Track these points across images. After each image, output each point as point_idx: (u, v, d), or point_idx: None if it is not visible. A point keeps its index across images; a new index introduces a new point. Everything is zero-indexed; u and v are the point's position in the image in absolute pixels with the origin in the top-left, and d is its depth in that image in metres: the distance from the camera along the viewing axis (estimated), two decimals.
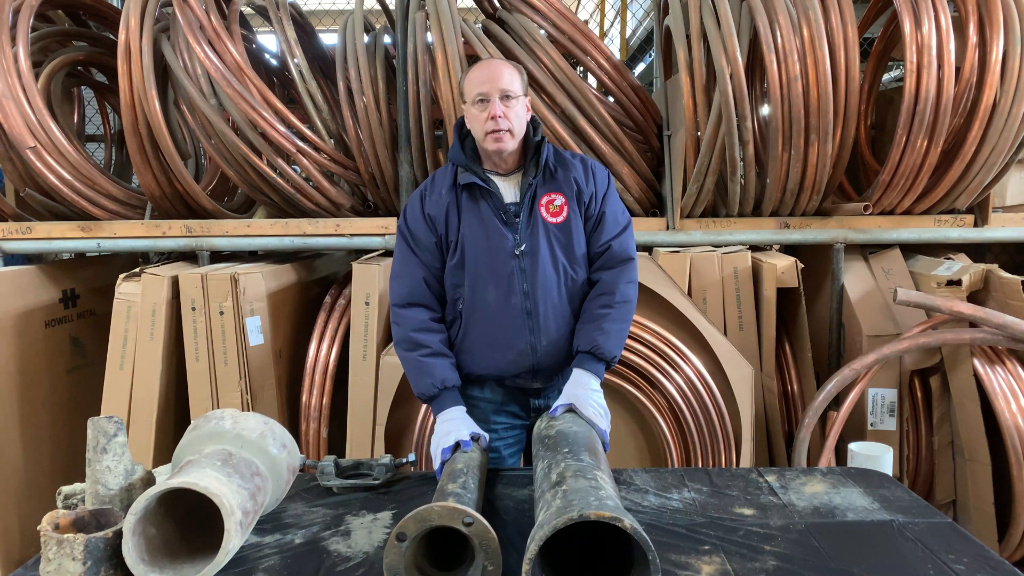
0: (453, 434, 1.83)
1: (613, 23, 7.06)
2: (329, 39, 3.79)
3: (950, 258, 3.08)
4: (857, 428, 2.97)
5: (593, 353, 1.93)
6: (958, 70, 2.76)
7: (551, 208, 1.96)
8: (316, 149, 3.16)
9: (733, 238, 3.13)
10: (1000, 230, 3.10)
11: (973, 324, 2.76)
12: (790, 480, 1.88)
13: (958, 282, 2.85)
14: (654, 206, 3.27)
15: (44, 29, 3.49)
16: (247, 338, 2.87)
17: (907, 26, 2.66)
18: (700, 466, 2.76)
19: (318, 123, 3.28)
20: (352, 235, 3.25)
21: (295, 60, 3.25)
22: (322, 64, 3.61)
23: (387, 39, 3.41)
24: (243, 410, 2.36)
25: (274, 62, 3.86)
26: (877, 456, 2.34)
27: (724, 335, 2.83)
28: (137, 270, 3.00)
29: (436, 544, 1.44)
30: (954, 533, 1.58)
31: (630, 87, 3.21)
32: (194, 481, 1.33)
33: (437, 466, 1.80)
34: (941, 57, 2.66)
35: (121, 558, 1.31)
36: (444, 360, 1.97)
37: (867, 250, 3.27)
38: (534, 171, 1.96)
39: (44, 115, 3.05)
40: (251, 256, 3.69)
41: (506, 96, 1.88)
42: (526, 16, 3.15)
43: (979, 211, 3.08)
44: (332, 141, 3.34)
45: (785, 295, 3.04)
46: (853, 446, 2.42)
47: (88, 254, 3.72)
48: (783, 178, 2.92)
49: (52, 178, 3.10)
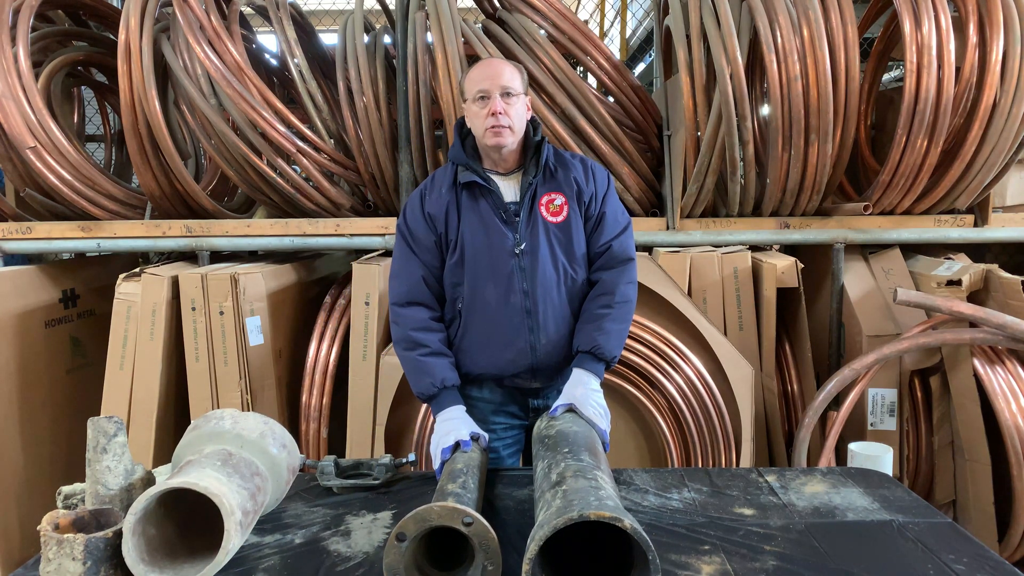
0: (453, 434, 1.83)
1: (613, 23, 7.06)
2: (329, 39, 3.79)
3: (950, 258, 3.08)
4: (857, 428, 2.97)
5: (593, 353, 1.93)
6: (958, 70, 2.76)
7: (551, 208, 1.96)
8: (316, 149, 3.16)
9: (733, 238, 3.13)
10: (1000, 230, 3.10)
11: (973, 324, 2.76)
12: (790, 480, 1.88)
13: (958, 282, 2.85)
14: (654, 206, 3.27)
15: (44, 29, 3.49)
16: (247, 338, 2.87)
17: (907, 26, 2.66)
18: (700, 466, 2.76)
19: (318, 123, 3.28)
20: (352, 235, 3.25)
21: (295, 60, 3.25)
22: (322, 64, 3.61)
23: (387, 39, 3.41)
24: (243, 410, 2.36)
25: (274, 62, 3.86)
26: (877, 456, 2.34)
27: (724, 335, 2.83)
28: (137, 270, 3.00)
29: (436, 544, 1.44)
30: (954, 533, 1.58)
31: (630, 87, 3.21)
32: (194, 481, 1.33)
33: (437, 466, 1.80)
34: (941, 57, 2.66)
35: (121, 558, 1.31)
36: (444, 359, 1.97)
37: (867, 250, 3.27)
38: (534, 170, 1.96)
39: (44, 115, 3.05)
40: (251, 256, 3.69)
41: (507, 93, 1.89)
42: (526, 16, 3.15)
43: (979, 211, 3.08)
44: (332, 141, 3.34)
45: (785, 295, 3.04)
46: (853, 446, 2.42)
47: (88, 254, 3.72)
48: (783, 178, 2.92)
49: (52, 178, 3.10)
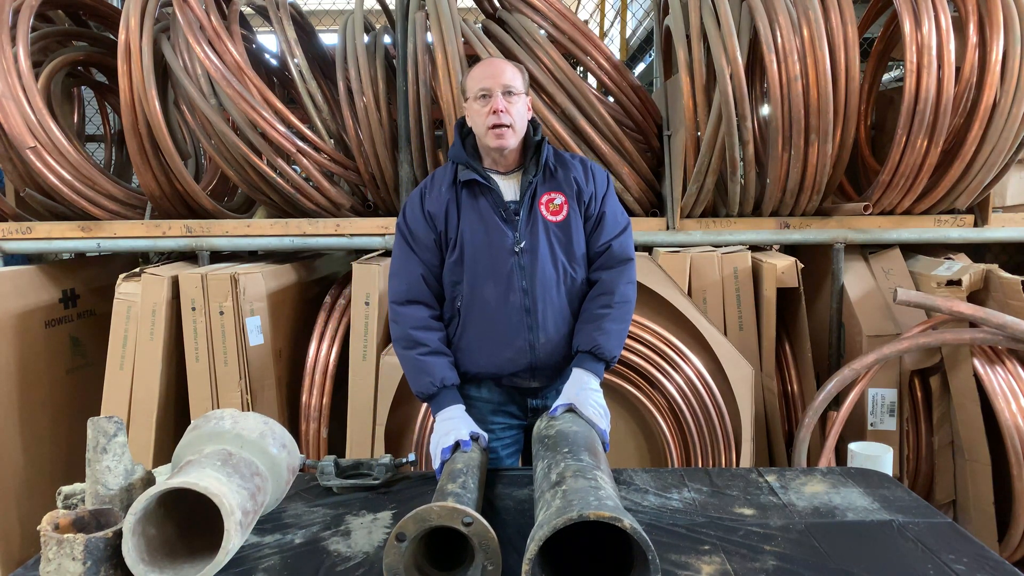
0: (453, 433, 1.83)
1: (613, 23, 7.06)
2: (329, 39, 3.79)
3: (950, 258, 3.08)
4: (857, 428, 2.97)
5: (593, 353, 1.93)
6: (958, 70, 2.76)
7: (551, 207, 1.96)
8: (316, 149, 3.16)
9: (733, 238, 3.13)
10: (1000, 230, 3.10)
11: (973, 324, 2.76)
12: (790, 480, 1.88)
13: (958, 282, 2.85)
14: (654, 206, 3.27)
15: (44, 29, 3.49)
16: (247, 338, 2.87)
17: (907, 26, 2.66)
18: (700, 466, 2.76)
19: (318, 123, 3.28)
20: (352, 235, 3.25)
21: (295, 60, 3.25)
22: (322, 64, 3.61)
23: (387, 39, 3.41)
24: (243, 410, 2.36)
25: (274, 62, 3.86)
26: (877, 456, 2.34)
27: (724, 335, 2.83)
28: (137, 270, 3.00)
29: (436, 544, 1.44)
30: (954, 533, 1.58)
31: (630, 87, 3.21)
32: (194, 481, 1.33)
33: (437, 466, 1.80)
34: (941, 57, 2.66)
35: (121, 558, 1.31)
36: (443, 359, 1.97)
37: (867, 250, 3.27)
38: (534, 170, 1.96)
39: (44, 115, 3.05)
40: (251, 256, 3.69)
41: (509, 92, 1.89)
42: (526, 16, 3.15)
43: (979, 211, 3.08)
44: (332, 141, 3.34)
45: (785, 295, 3.04)
46: (853, 446, 2.42)
47: (88, 254, 3.72)
48: (783, 178, 2.92)
49: (52, 178, 3.10)
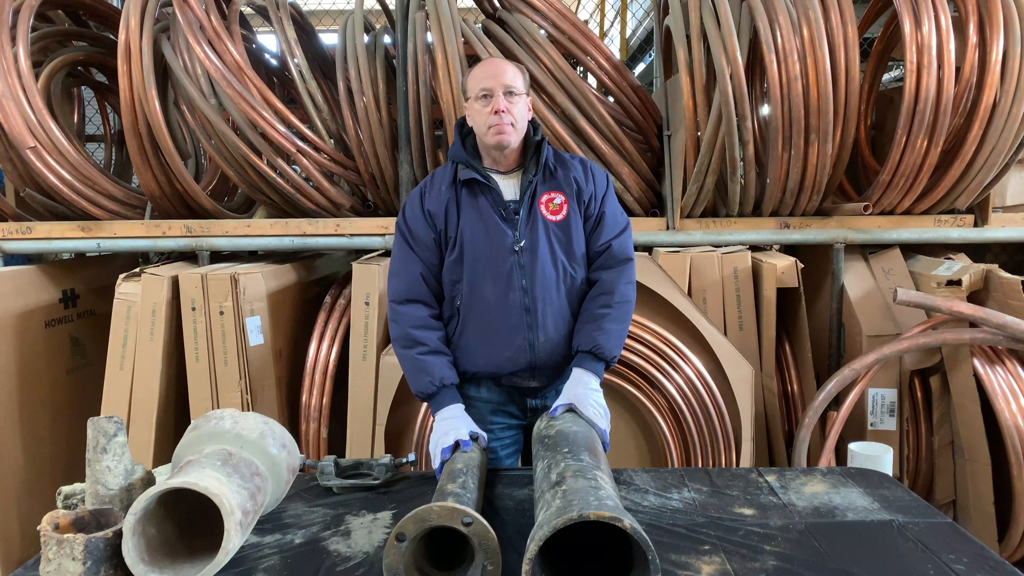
0: (452, 433, 1.83)
1: (613, 23, 7.06)
2: (329, 39, 3.79)
3: (950, 258, 3.08)
4: (857, 428, 2.97)
5: (593, 353, 1.93)
6: (958, 70, 2.76)
7: (551, 206, 1.96)
8: (316, 149, 3.16)
9: (733, 238, 3.13)
10: (1000, 230, 3.10)
11: (973, 324, 2.76)
12: (790, 480, 1.88)
13: (958, 282, 2.85)
14: (654, 206, 3.27)
15: (44, 29, 3.48)
16: (247, 338, 2.87)
17: (907, 26, 2.66)
18: (700, 466, 2.76)
19: (318, 123, 3.28)
20: (352, 235, 3.25)
21: (295, 60, 3.25)
22: (322, 64, 3.61)
23: (387, 39, 3.41)
24: (243, 410, 2.36)
25: (274, 62, 3.86)
26: (877, 456, 2.34)
27: (724, 335, 2.83)
28: (137, 270, 3.00)
29: (436, 544, 1.44)
30: (954, 533, 1.58)
31: (630, 87, 3.21)
32: (194, 481, 1.33)
33: (436, 465, 1.80)
34: (941, 57, 2.66)
35: (121, 558, 1.31)
36: (442, 358, 1.97)
37: (867, 250, 3.27)
38: (534, 169, 1.97)
39: (44, 115, 3.05)
40: (251, 256, 3.69)
41: (510, 92, 1.89)
42: (526, 16, 3.15)
43: (979, 211, 3.08)
44: (332, 141, 3.34)
45: (785, 295, 3.04)
46: (853, 446, 2.42)
47: (88, 254, 3.72)
48: (783, 178, 2.92)
49: (52, 178, 3.10)
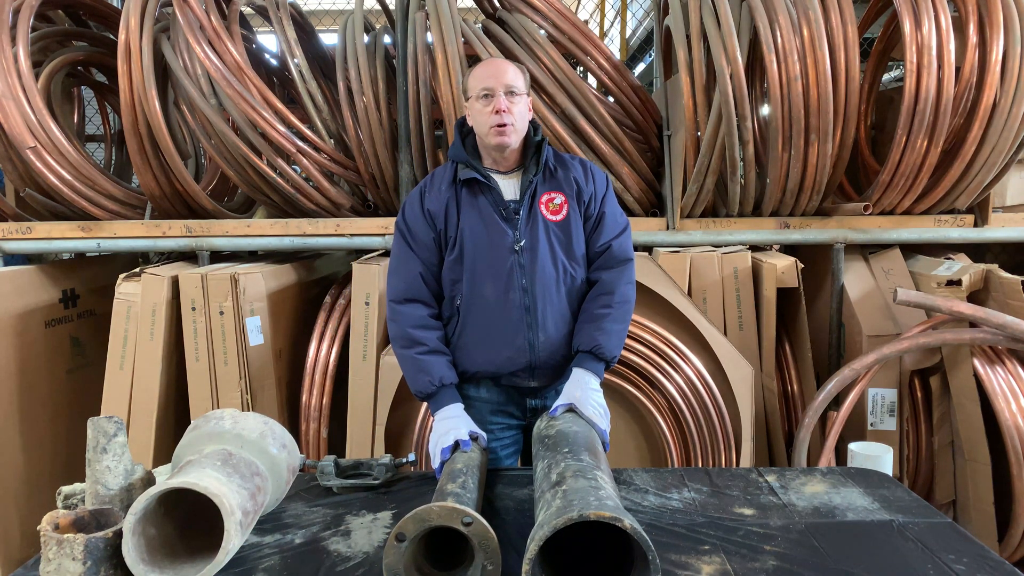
0: (452, 433, 1.83)
1: (613, 23, 7.06)
2: (329, 39, 3.79)
3: (950, 258, 3.08)
4: (857, 428, 2.97)
5: (594, 353, 1.93)
6: (958, 70, 2.76)
7: (551, 206, 1.96)
8: (316, 149, 3.16)
9: (733, 238, 3.13)
10: (1000, 230, 3.10)
11: (973, 324, 2.76)
12: (790, 480, 1.88)
13: (958, 282, 2.85)
14: (654, 206, 3.27)
15: (44, 29, 3.48)
16: (247, 338, 2.87)
17: (907, 26, 2.66)
18: (700, 466, 2.76)
19: (318, 123, 3.28)
20: (352, 235, 3.25)
21: (295, 60, 3.25)
22: (322, 64, 3.61)
23: (387, 39, 3.41)
24: (243, 410, 2.36)
25: (274, 62, 3.86)
26: (877, 456, 2.34)
27: (724, 335, 2.83)
28: (137, 270, 3.00)
29: (436, 544, 1.44)
30: (954, 533, 1.58)
31: (630, 87, 3.21)
32: (194, 481, 1.33)
33: (436, 465, 1.80)
34: (941, 57, 2.66)
35: (121, 558, 1.31)
36: (442, 357, 1.97)
37: (867, 250, 3.27)
38: (535, 169, 1.97)
39: (44, 115, 3.05)
40: (251, 256, 3.69)
41: (511, 92, 1.90)
42: (526, 16, 3.15)
43: (979, 211, 3.08)
44: (332, 141, 3.34)
45: (785, 295, 3.04)
46: (853, 446, 2.42)
47: (88, 254, 3.72)
48: (783, 178, 2.92)
49: (52, 178, 3.10)
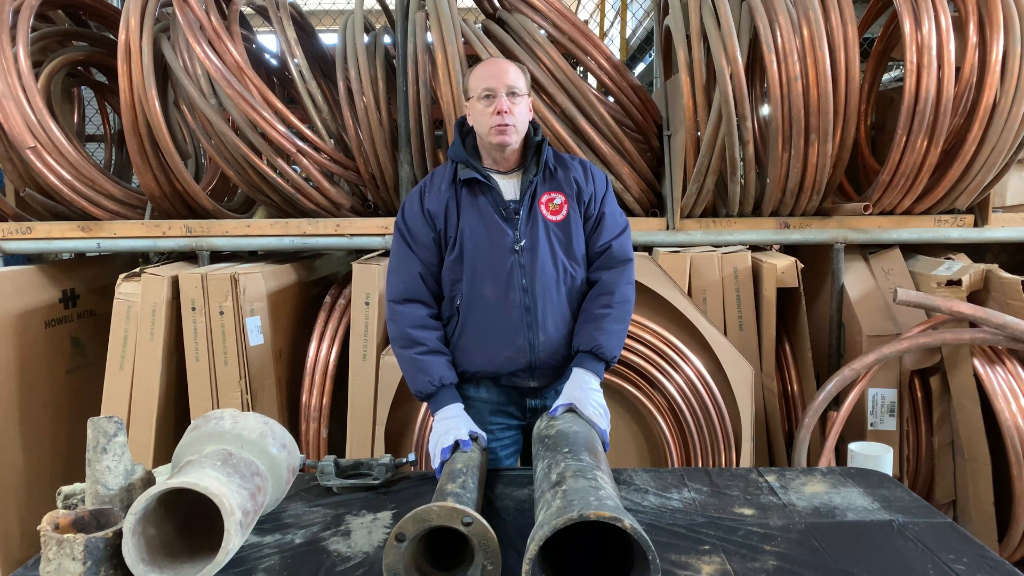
0: (452, 433, 1.83)
1: (613, 23, 7.06)
2: (329, 39, 3.79)
3: (950, 258, 3.08)
4: (857, 428, 2.97)
5: (594, 353, 1.93)
6: (958, 70, 2.76)
7: (551, 206, 1.96)
8: (316, 149, 3.16)
9: (733, 238, 3.13)
10: (1000, 230, 3.10)
11: (973, 324, 2.76)
12: (790, 480, 1.88)
13: (958, 282, 2.85)
14: (654, 206, 3.27)
15: (44, 29, 3.48)
16: (247, 338, 2.87)
17: (907, 26, 2.66)
18: (700, 466, 2.76)
19: (318, 123, 3.28)
20: (352, 235, 3.25)
21: (295, 60, 3.25)
22: (322, 64, 3.61)
23: (387, 39, 3.41)
24: (243, 410, 2.36)
25: (274, 62, 3.86)
26: (877, 456, 2.34)
27: (724, 335, 2.83)
28: (137, 270, 3.00)
29: (436, 544, 1.44)
30: (954, 533, 1.58)
31: (630, 87, 3.21)
32: (194, 481, 1.33)
33: (436, 465, 1.80)
34: (941, 57, 2.66)
35: (121, 558, 1.31)
36: (441, 358, 1.97)
37: (867, 250, 3.27)
38: (535, 169, 1.97)
39: (44, 115, 3.05)
40: (251, 256, 3.69)
41: (512, 93, 1.89)
42: (526, 16, 3.15)
43: (979, 211, 3.08)
44: (332, 141, 3.34)
45: (785, 295, 3.04)
46: (853, 446, 2.42)
47: (88, 254, 3.72)
48: (783, 178, 2.92)
49: (52, 178, 3.10)
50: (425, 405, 2.70)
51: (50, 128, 3.05)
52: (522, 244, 1.93)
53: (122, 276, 3.01)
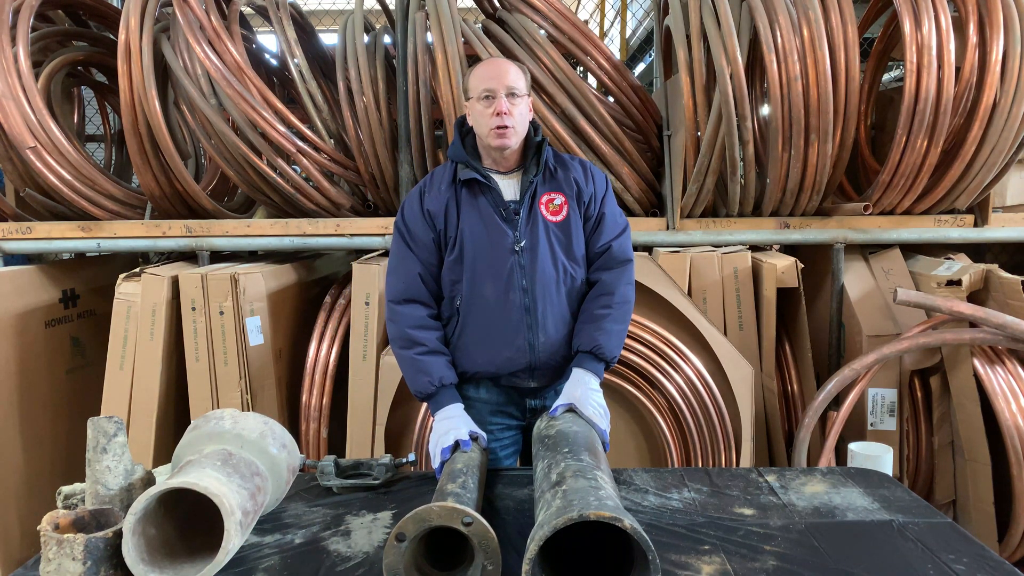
0: (452, 433, 1.83)
1: (613, 23, 7.06)
2: (329, 39, 3.79)
3: (950, 258, 3.08)
4: (857, 428, 2.97)
5: (594, 353, 1.93)
6: (958, 70, 2.76)
7: (551, 207, 1.96)
8: (316, 149, 3.16)
9: (733, 238, 3.13)
10: (1000, 230, 3.10)
11: (973, 324, 2.76)
12: (790, 480, 1.88)
13: (958, 282, 2.85)
14: (654, 206, 3.27)
15: (44, 29, 3.49)
16: (247, 338, 2.87)
17: (907, 26, 2.66)
18: (700, 466, 2.76)
19: (318, 123, 3.28)
20: (352, 235, 3.25)
21: (295, 60, 3.25)
22: (322, 64, 3.61)
23: (387, 39, 3.41)
24: (243, 410, 2.36)
25: (274, 62, 3.86)
26: (877, 456, 2.34)
27: (724, 335, 2.83)
28: (137, 270, 3.00)
29: (436, 544, 1.44)
30: (954, 533, 1.58)
31: (630, 87, 3.21)
32: (194, 481, 1.33)
33: (436, 465, 1.80)
34: (941, 57, 2.66)
35: (121, 558, 1.31)
36: (441, 358, 1.97)
37: (867, 250, 3.27)
38: (535, 170, 1.97)
39: (44, 115, 3.05)
40: (251, 256, 3.69)
41: (512, 93, 1.89)
42: (526, 16, 3.15)
43: (979, 211, 3.08)
44: (332, 141, 3.34)
45: (785, 295, 3.04)
46: (853, 446, 2.42)
47: (88, 254, 3.72)
48: (783, 178, 2.92)
49: (52, 178, 3.10)
50: (425, 405, 2.70)
51: (50, 128, 3.05)
52: (522, 244, 1.93)
53: (122, 276, 3.01)
